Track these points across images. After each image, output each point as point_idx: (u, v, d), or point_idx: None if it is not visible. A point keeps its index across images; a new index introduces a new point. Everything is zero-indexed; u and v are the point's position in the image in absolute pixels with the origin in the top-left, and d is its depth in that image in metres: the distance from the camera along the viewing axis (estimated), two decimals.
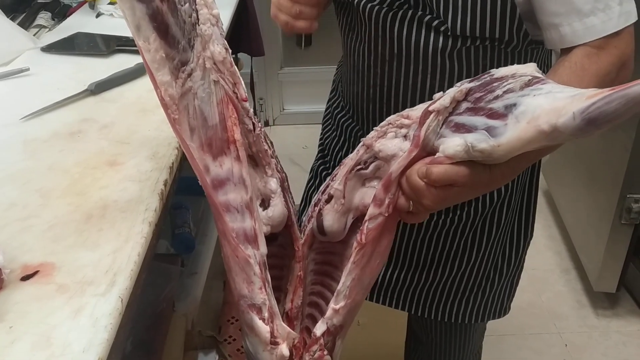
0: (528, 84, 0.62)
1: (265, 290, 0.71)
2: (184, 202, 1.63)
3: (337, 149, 1.10)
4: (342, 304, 0.76)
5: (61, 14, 1.68)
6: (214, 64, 0.67)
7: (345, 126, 1.07)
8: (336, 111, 1.11)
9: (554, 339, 1.93)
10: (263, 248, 0.72)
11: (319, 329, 0.78)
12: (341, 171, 0.78)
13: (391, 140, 0.73)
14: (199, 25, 0.67)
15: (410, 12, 0.86)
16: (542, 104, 0.57)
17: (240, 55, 2.24)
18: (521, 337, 1.93)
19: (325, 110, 1.18)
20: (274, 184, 0.76)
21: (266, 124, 3.23)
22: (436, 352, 1.29)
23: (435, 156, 0.66)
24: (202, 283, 1.47)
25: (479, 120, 0.63)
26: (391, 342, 1.59)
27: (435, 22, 0.84)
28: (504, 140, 0.59)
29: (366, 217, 0.73)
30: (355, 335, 0.97)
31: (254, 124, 0.72)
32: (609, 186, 1.87)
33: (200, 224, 1.69)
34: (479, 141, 0.61)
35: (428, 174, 0.66)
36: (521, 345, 1.91)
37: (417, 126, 0.68)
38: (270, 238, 0.78)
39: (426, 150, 0.68)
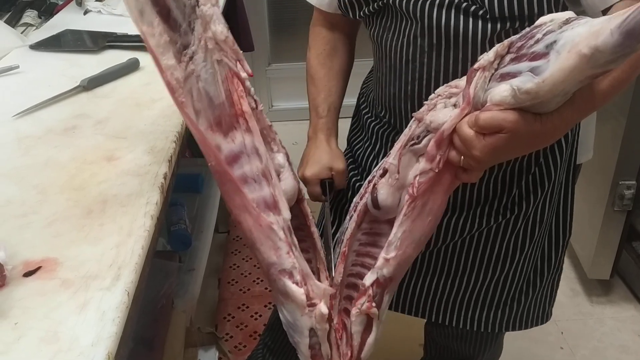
0: (566, 22, 0.63)
1: (293, 254, 0.71)
2: (179, 199, 1.62)
3: (371, 157, 1.07)
4: (392, 254, 0.77)
5: (48, 12, 1.65)
6: (216, 43, 0.67)
7: (380, 133, 1.05)
8: (369, 121, 1.08)
9: (549, 327, 1.94)
10: (285, 213, 0.72)
11: (369, 279, 0.78)
12: (395, 147, 0.80)
13: (441, 110, 0.74)
14: (199, 7, 0.66)
15: (447, 0, 0.86)
16: (580, 32, 0.58)
17: None
18: None
19: (353, 125, 1.16)
20: (281, 158, 0.77)
21: None
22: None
23: (485, 107, 0.67)
24: (200, 280, 1.46)
25: (523, 66, 0.64)
26: (410, 336, 1.58)
27: (473, 8, 0.84)
28: (547, 75, 0.60)
29: (417, 172, 0.74)
30: None
31: (255, 100, 0.72)
32: (601, 174, 1.87)
33: (196, 221, 1.68)
34: (524, 82, 0.62)
35: (476, 120, 0.67)
36: (518, 335, 1.89)
37: (466, 86, 0.70)
38: None
39: (477, 108, 0.69)
